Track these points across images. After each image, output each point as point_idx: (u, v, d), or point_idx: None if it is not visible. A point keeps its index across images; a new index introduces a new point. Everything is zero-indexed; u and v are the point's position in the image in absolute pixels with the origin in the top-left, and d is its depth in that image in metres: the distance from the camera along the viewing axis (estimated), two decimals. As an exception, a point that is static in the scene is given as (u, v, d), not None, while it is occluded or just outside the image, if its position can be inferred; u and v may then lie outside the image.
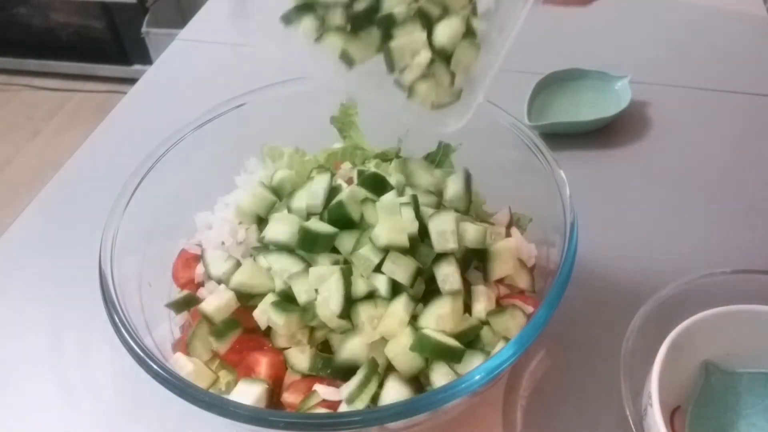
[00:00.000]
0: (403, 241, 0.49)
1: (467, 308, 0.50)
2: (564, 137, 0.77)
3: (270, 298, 0.50)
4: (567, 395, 0.55)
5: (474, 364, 0.47)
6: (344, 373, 0.48)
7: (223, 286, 0.53)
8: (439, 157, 0.63)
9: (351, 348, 0.48)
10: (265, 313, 0.49)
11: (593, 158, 0.76)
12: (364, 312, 0.48)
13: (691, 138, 0.77)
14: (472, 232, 0.51)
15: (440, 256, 0.50)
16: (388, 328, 0.47)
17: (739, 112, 0.80)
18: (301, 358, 0.49)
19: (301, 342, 0.50)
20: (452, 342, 0.47)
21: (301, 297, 0.49)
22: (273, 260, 0.52)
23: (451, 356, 0.47)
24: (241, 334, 0.52)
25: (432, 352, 0.46)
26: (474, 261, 0.54)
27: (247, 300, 0.52)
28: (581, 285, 0.60)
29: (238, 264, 0.53)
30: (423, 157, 0.63)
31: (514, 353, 0.44)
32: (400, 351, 0.47)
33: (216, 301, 0.51)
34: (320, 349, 0.50)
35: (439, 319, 0.48)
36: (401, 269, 0.48)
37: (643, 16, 0.97)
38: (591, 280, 0.60)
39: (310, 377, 0.49)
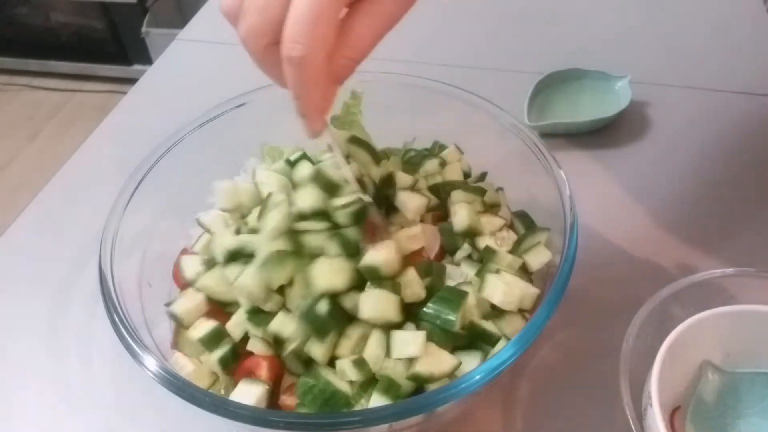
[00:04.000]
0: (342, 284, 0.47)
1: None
2: (564, 137, 0.77)
3: (242, 312, 0.50)
4: (567, 395, 0.55)
5: (474, 364, 0.47)
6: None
7: (194, 288, 0.53)
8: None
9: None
10: (238, 326, 0.50)
11: (593, 158, 0.76)
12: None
13: (691, 138, 0.77)
14: None
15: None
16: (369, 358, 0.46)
17: (739, 112, 0.80)
18: (297, 361, 0.49)
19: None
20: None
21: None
22: (230, 272, 0.50)
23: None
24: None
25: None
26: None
27: (224, 306, 0.52)
28: (581, 285, 0.60)
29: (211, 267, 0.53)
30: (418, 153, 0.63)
31: (514, 353, 0.44)
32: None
33: (187, 303, 0.51)
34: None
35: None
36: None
37: (643, 16, 0.97)
38: (591, 280, 0.60)
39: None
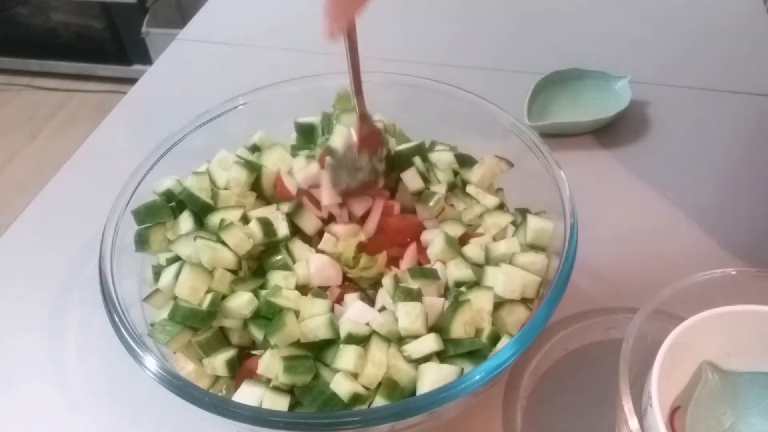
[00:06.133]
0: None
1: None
2: (564, 137, 0.77)
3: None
4: (567, 395, 0.55)
5: (474, 364, 0.47)
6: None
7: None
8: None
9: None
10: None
11: (593, 158, 0.76)
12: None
13: (692, 138, 0.77)
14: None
15: None
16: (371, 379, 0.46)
17: (739, 112, 0.80)
18: None
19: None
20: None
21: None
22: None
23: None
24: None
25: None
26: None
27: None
28: (581, 285, 0.60)
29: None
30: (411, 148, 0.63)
31: (514, 353, 0.44)
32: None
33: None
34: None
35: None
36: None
37: (643, 16, 0.97)
38: (591, 280, 0.60)
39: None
